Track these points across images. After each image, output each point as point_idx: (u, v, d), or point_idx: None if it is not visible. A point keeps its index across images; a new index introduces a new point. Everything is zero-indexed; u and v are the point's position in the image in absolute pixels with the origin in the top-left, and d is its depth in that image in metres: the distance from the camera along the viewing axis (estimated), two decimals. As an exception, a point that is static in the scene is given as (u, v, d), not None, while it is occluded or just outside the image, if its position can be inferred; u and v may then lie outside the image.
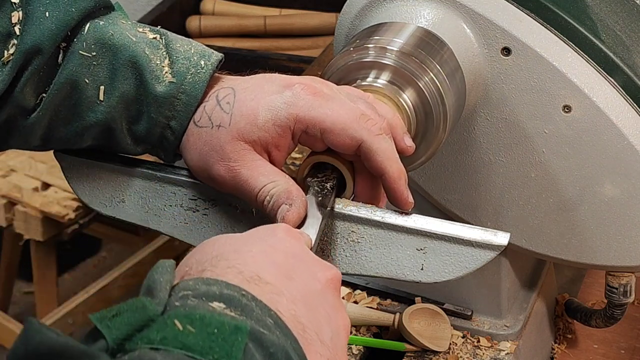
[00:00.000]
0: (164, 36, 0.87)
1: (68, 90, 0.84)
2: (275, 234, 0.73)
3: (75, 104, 0.85)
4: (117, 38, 0.84)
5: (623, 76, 0.99)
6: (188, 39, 0.89)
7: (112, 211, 0.91)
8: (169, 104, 0.85)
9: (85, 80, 0.84)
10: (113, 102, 0.84)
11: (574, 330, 1.25)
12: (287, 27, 2.40)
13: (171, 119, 0.85)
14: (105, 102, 0.84)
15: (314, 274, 0.70)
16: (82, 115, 0.85)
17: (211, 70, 0.86)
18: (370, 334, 1.18)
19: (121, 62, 0.84)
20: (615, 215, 1.03)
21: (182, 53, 0.86)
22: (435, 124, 0.94)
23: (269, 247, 0.70)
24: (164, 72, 0.85)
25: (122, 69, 0.84)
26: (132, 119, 0.86)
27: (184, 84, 0.85)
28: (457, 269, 0.82)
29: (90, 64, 0.84)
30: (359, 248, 0.84)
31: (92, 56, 0.84)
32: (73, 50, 0.83)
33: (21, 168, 2.37)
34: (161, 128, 0.86)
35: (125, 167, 0.90)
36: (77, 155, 0.91)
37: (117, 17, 0.87)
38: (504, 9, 1.00)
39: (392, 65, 0.93)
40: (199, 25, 2.39)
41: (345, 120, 0.82)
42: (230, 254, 0.68)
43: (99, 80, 0.84)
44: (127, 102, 0.85)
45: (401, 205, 0.85)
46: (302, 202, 0.81)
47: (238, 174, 0.83)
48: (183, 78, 0.85)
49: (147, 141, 0.87)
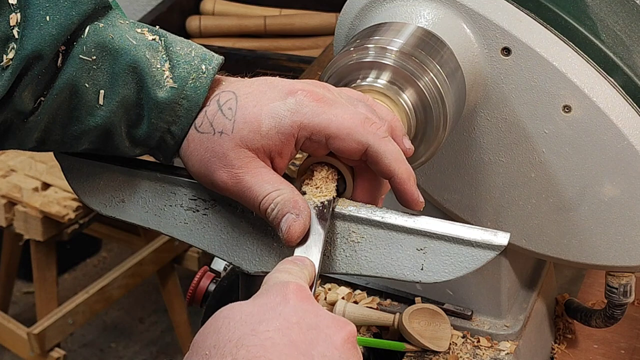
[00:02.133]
0: (163, 37, 0.86)
1: (67, 94, 0.83)
2: (287, 301, 0.72)
3: (74, 108, 0.84)
4: (117, 42, 0.83)
5: (623, 76, 0.99)
6: (187, 41, 0.88)
7: (112, 211, 0.91)
8: (170, 110, 0.84)
9: (85, 84, 0.83)
10: (113, 106, 0.84)
11: (574, 330, 1.25)
12: (287, 27, 2.40)
13: (172, 124, 0.85)
14: (106, 107, 0.83)
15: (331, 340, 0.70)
16: (80, 119, 0.84)
17: (213, 74, 0.85)
18: (370, 334, 1.18)
19: (122, 67, 0.83)
20: (615, 215, 1.03)
21: (183, 57, 0.85)
22: (435, 124, 0.94)
23: (284, 322, 0.70)
24: (165, 76, 0.84)
25: (122, 74, 0.83)
26: (132, 123, 0.85)
27: (185, 89, 0.84)
28: (457, 269, 0.82)
29: (90, 68, 0.83)
30: (359, 248, 0.84)
31: (92, 60, 0.83)
32: (73, 54, 0.82)
33: (21, 168, 2.37)
34: (161, 132, 0.85)
35: (125, 167, 0.90)
36: (77, 156, 0.91)
37: (116, 18, 0.86)
38: (504, 9, 1.00)
39: (392, 65, 0.93)
40: (199, 25, 2.39)
41: (350, 125, 0.82)
42: (249, 338, 0.68)
43: (98, 84, 0.83)
44: (127, 106, 0.84)
45: (412, 205, 0.85)
46: (307, 214, 0.81)
47: (241, 180, 0.83)
48: (184, 83, 0.84)
49: (145, 144, 0.87)
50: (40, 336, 2.28)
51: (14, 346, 2.37)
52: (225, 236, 0.88)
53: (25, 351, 2.32)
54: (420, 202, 0.85)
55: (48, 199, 2.28)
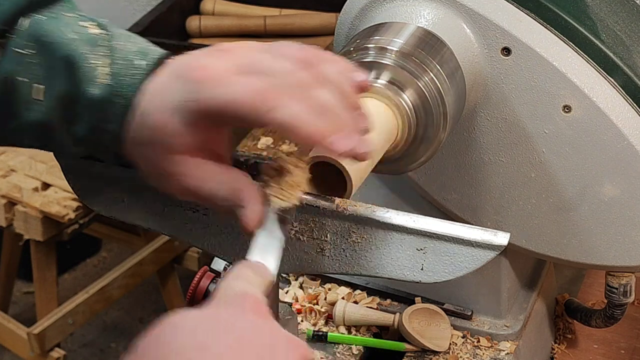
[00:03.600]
0: (110, 32, 0.81)
1: (3, 88, 0.79)
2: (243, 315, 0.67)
3: (12, 102, 0.80)
4: (53, 35, 0.78)
5: (623, 76, 0.99)
6: (133, 35, 0.82)
7: (112, 211, 0.91)
8: (104, 108, 0.79)
9: (20, 78, 0.79)
10: (52, 102, 0.79)
11: (574, 330, 1.25)
12: (287, 27, 2.40)
13: (108, 123, 0.79)
14: (45, 103, 0.80)
15: None
16: (18, 114, 0.81)
17: (148, 70, 0.78)
18: (370, 334, 1.18)
19: (56, 61, 0.79)
20: (615, 215, 1.03)
21: (122, 52, 0.80)
22: (435, 124, 0.94)
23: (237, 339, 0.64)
24: (99, 73, 0.79)
25: (57, 68, 0.79)
26: (70, 121, 0.81)
27: (121, 87, 0.78)
28: (457, 269, 0.82)
29: (26, 61, 0.79)
30: (359, 248, 0.84)
31: (29, 54, 0.79)
32: (8, 47, 0.79)
33: (21, 168, 2.37)
34: (99, 132, 0.80)
35: (125, 166, 0.90)
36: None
37: (61, 10, 0.82)
38: (504, 9, 1.00)
39: (392, 65, 0.93)
40: (199, 25, 2.39)
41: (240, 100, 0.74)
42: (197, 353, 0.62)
43: (35, 78, 0.79)
44: (64, 103, 0.80)
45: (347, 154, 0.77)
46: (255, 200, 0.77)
47: (187, 187, 0.78)
48: (120, 80, 0.78)
49: (86, 144, 0.82)
50: (40, 336, 2.28)
51: (14, 346, 2.37)
52: (225, 236, 0.88)
53: (25, 351, 2.32)
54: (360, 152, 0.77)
55: (48, 199, 2.28)
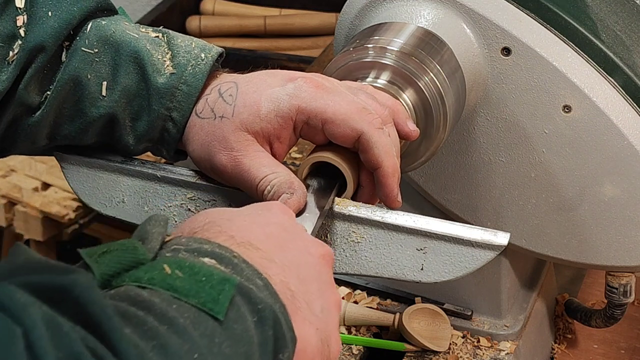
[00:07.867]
0: (166, 34, 0.90)
1: (71, 87, 0.86)
2: (270, 209, 0.73)
3: (79, 100, 0.86)
4: (118, 35, 0.87)
5: (623, 76, 0.99)
6: (190, 37, 0.91)
7: (112, 211, 0.91)
8: (170, 95, 0.86)
9: (87, 76, 0.86)
10: (115, 96, 0.86)
11: (574, 330, 1.25)
12: (287, 27, 2.40)
13: (172, 110, 0.87)
14: (108, 97, 0.86)
15: (307, 248, 0.71)
16: (85, 111, 0.87)
17: (211, 62, 0.88)
18: (370, 334, 1.18)
19: (123, 58, 0.86)
20: (615, 215, 1.03)
21: (183, 47, 0.88)
22: (435, 124, 0.94)
23: (262, 219, 0.71)
24: (166, 65, 0.87)
25: (124, 64, 0.86)
26: (135, 114, 0.88)
27: (184, 75, 0.87)
28: (457, 269, 0.82)
29: (93, 60, 0.86)
30: (359, 248, 0.84)
31: (95, 52, 0.86)
32: (75, 47, 0.86)
33: (21, 168, 2.37)
34: (163, 121, 0.87)
35: (125, 166, 0.90)
36: (77, 155, 0.91)
37: (120, 19, 0.89)
38: (504, 9, 1.00)
39: (392, 65, 0.93)
40: (199, 25, 2.39)
41: (346, 111, 0.84)
42: (223, 221, 0.69)
43: (101, 76, 0.86)
44: (129, 95, 0.87)
45: (389, 202, 0.86)
46: (303, 192, 0.82)
47: (240, 163, 0.84)
48: (184, 69, 0.87)
49: (149, 137, 0.89)
50: (40, 336, 2.27)
51: (14, 346, 2.37)
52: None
53: (25, 351, 2.32)
54: (398, 202, 0.87)
55: (48, 199, 2.28)
